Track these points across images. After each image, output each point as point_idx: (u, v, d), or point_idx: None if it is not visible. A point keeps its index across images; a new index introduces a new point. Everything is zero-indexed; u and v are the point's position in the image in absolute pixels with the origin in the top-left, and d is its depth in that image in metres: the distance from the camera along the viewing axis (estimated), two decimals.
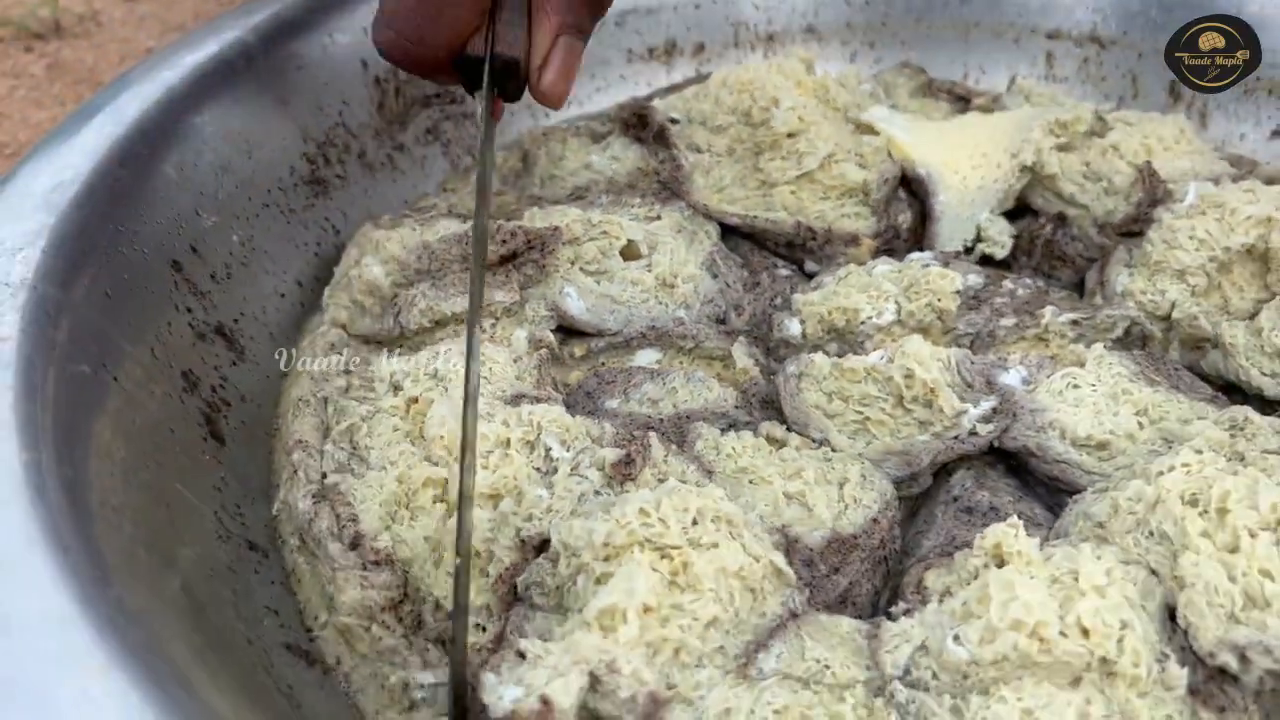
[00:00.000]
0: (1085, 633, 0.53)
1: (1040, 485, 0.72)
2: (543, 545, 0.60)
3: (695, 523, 0.58)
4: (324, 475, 0.65)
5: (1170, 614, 0.56)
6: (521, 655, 0.54)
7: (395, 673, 0.57)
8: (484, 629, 0.60)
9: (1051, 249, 0.86)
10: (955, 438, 0.70)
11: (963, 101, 1.00)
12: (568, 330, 0.81)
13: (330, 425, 0.68)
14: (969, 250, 0.87)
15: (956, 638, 0.54)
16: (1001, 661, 0.53)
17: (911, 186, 0.90)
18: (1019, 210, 0.90)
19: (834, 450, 0.71)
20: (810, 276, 0.87)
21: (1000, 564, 0.58)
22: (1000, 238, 0.85)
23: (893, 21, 1.08)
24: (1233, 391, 0.76)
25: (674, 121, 0.91)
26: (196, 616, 0.52)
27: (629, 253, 0.83)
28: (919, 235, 0.89)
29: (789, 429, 0.73)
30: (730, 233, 0.88)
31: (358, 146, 0.88)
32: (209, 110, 0.76)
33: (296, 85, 0.83)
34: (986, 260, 0.86)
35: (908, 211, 0.89)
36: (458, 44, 0.66)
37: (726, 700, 0.53)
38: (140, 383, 0.60)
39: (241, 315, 0.74)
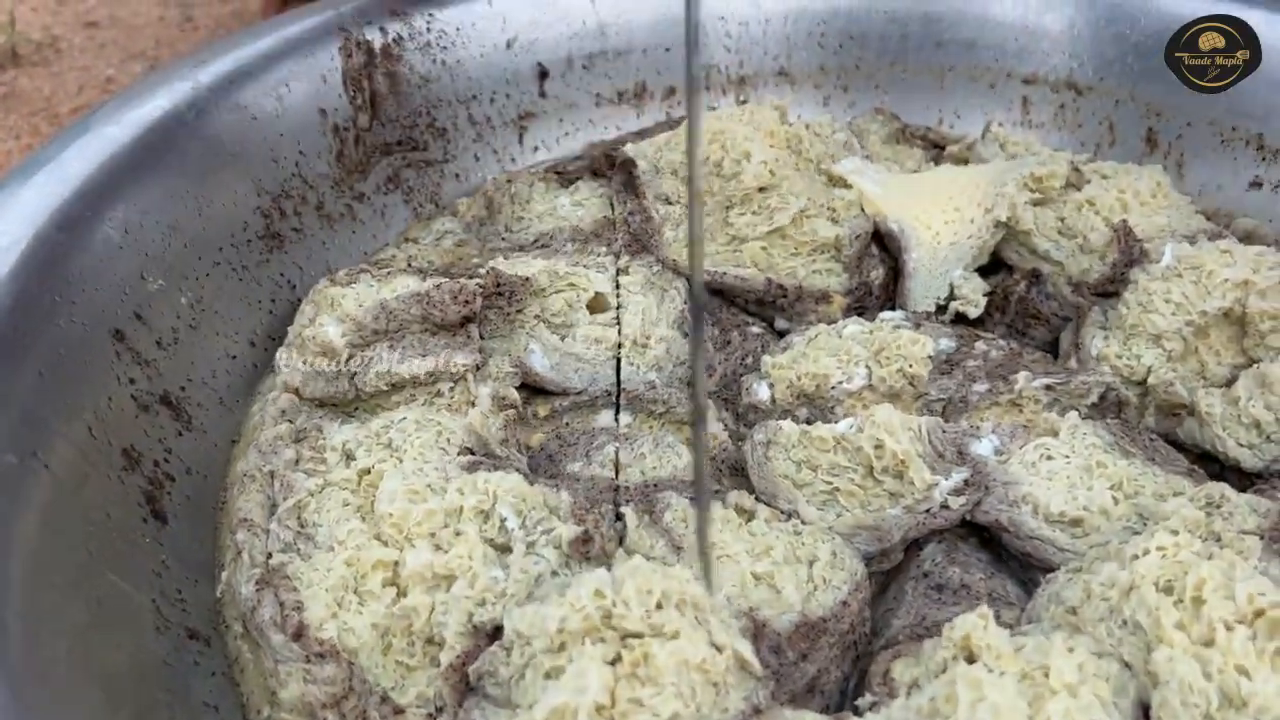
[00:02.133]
0: None
1: (1014, 560, 0.70)
2: (496, 632, 0.58)
3: (660, 606, 0.56)
4: (269, 556, 0.62)
5: (1145, 711, 0.54)
6: None
7: None
8: None
9: (1025, 306, 0.84)
10: (927, 511, 0.68)
11: (937, 148, 0.99)
12: (532, 388, 0.78)
13: (277, 501, 0.65)
14: (943, 309, 0.85)
15: None
16: None
17: (884, 242, 0.88)
18: (993, 265, 0.88)
19: (803, 523, 0.68)
20: (781, 334, 0.85)
21: (969, 657, 0.56)
22: (974, 296, 0.83)
23: (866, 65, 1.06)
24: (1209, 460, 0.75)
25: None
26: None
27: (596, 305, 0.81)
28: (891, 291, 0.87)
29: (758, 499, 0.71)
30: None
31: (315, 198, 0.86)
32: (156, 167, 0.73)
33: (250, 137, 0.81)
34: (960, 318, 0.84)
35: (880, 268, 0.87)
36: None
37: None
38: (74, 466, 0.57)
39: (189, 381, 0.71)
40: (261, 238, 0.81)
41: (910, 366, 0.74)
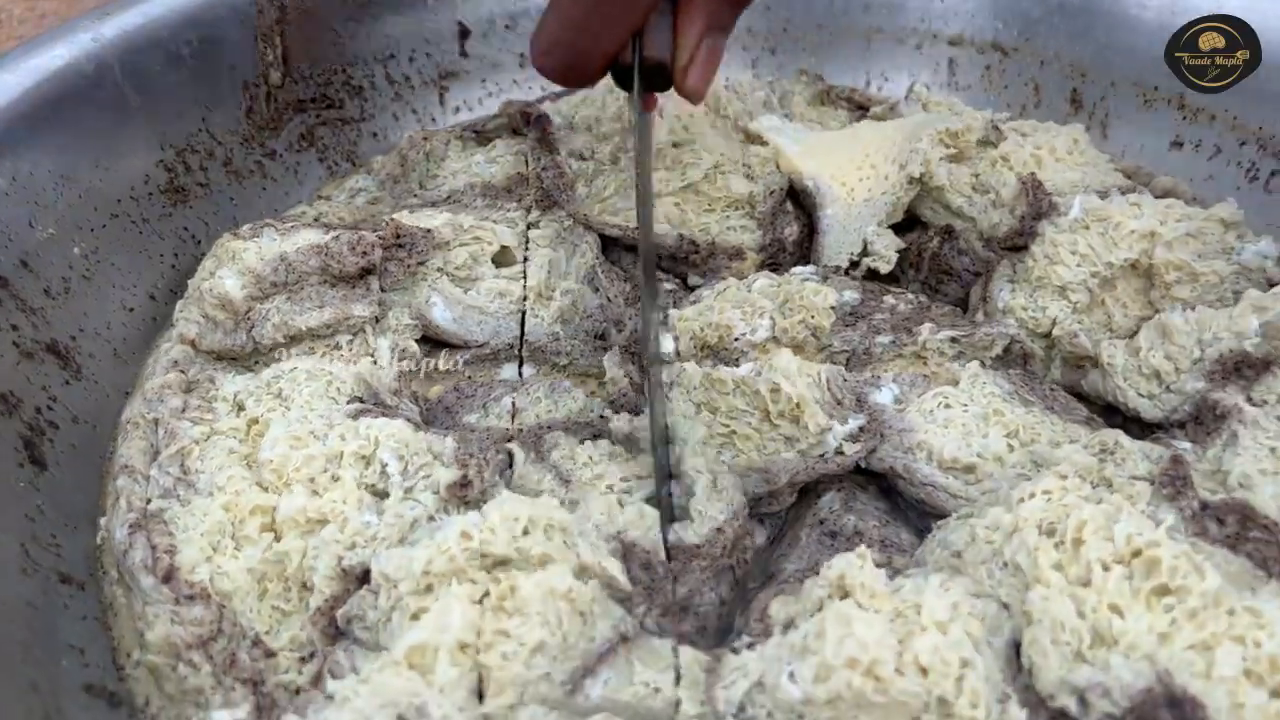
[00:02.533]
0: (923, 671, 0.51)
1: (911, 509, 0.70)
2: (366, 576, 0.57)
3: (526, 532, 0.56)
4: (148, 502, 0.61)
5: (1018, 650, 0.54)
6: (328, 697, 0.51)
7: (198, 714, 0.54)
8: (304, 664, 0.57)
9: (938, 262, 0.84)
10: (821, 456, 0.68)
11: (861, 109, 0.98)
12: (434, 341, 0.78)
13: (160, 449, 0.64)
14: (855, 264, 0.84)
15: (791, 675, 0.52)
16: (836, 701, 0.51)
17: (799, 199, 0.87)
18: (909, 222, 0.88)
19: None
20: (693, 290, 0.84)
21: (844, 596, 0.56)
22: (886, 252, 0.83)
23: (794, 28, 1.05)
24: (1114, 413, 0.74)
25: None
26: None
27: (503, 259, 0.80)
28: (805, 249, 0.87)
29: None
30: (612, 244, 0.85)
31: (223, 153, 0.85)
32: (51, 117, 0.72)
33: (152, 90, 0.80)
34: (873, 274, 0.84)
35: (794, 224, 0.86)
36: (612, 60, 0.69)
37: None
38: None
39: (80, 332, 0.70)
40: (164, 192, 0.80)
41: (813, 317, 0.73)
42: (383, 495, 0.62)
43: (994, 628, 0.55)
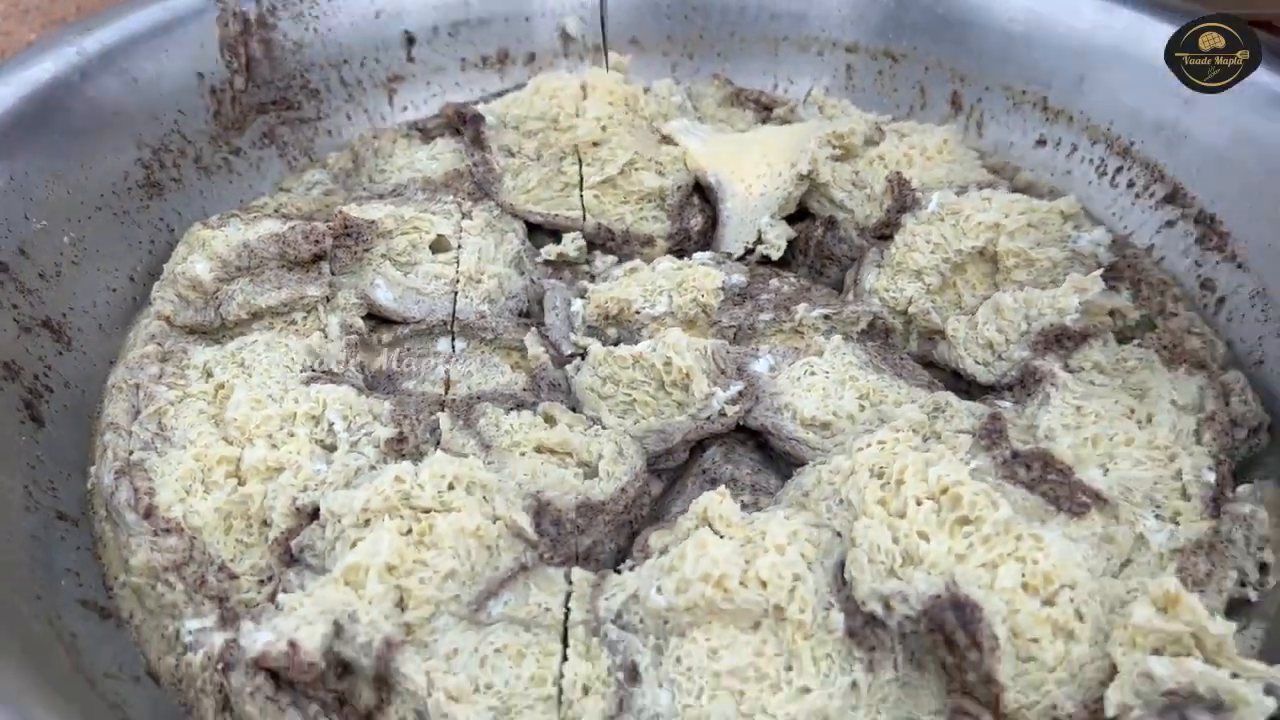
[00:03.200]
0: (763, 584, 0.62)
1: (781, 460, 0.82)
2: (316, 513, 0.69)
3: (451, 487, 0.68)
4: (130, 453, 0.73)
5: (842, 570, 0.66)
6: (279, 607, 0.63)
7: (173, 624, 0.66)
8: (262, 586, 0.69)
9: (822, 249, 0.96)
10: (707, 418, 0.79)
11: (766, 110, 1.10)
12: (378, 318, 0.89)
13: (140, 409, 0.76)
14: (750, 252, 0.96)
15: (659, 589, 0.64)
16: (693, 608, 0.62)
17: (704, 193, 0.99)
18: (800, 214, 1.00)
19: (604, 428, 0.80)
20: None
21: (708, 526, 0.68)
22: (777, 240, 0.95)
23: (709, 35, 1.16)
24: (958, 379, 0.86)
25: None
26: None
27: (439, 246, 0.91)
28: (709, 237, 0.99)
29: (574, 409, 0.82)
30: (537, 231, 0.97)
31: (193, 151, 0.96)
32: (42, 123, 0.83)
33: (131, 98, 0.91)
34: (765, 260, 0.96)
35: (699, 216, 0.98)
36: None
37: (455, 642, 0.63)
38: None
39: (71, 309, 0.82)
40: (142, 186, 0.91)
41: (702, 296, 0.85)
42: (331, 449, 0.73)
43: (827, 551, 0.67)
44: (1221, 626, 0.59)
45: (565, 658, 0.63)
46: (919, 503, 0.66)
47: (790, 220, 0.98)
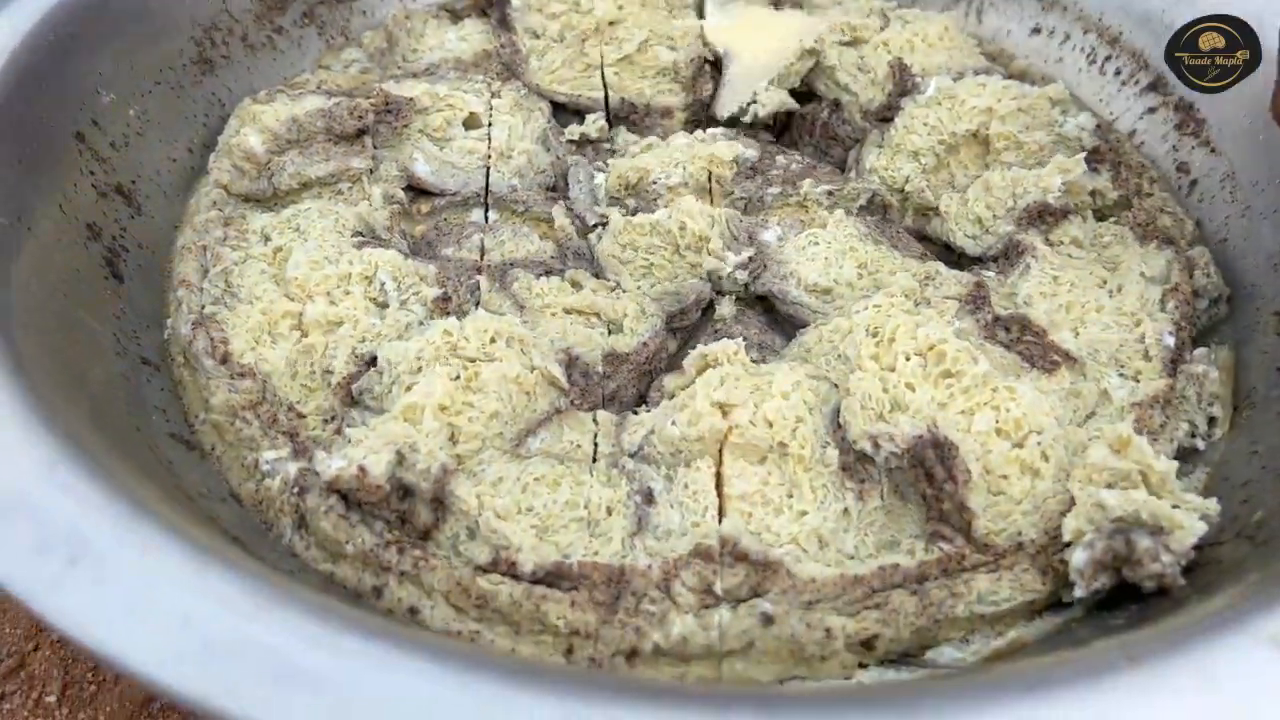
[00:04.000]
0: (769, 424, 0.71)
1: (786, 322, 0.90)
2: (373, 361, 0.78)
3: (493, 340, 0.76)
4: (203, 307, 0.81)
5: (838, 414, 0.75)
6: (347, 439, 0.72)
7: (251, 454, 0.75)
8: (327, 425, 0.78)
9: (827, 130, 1.03)
10: (719, 280, 0.88)
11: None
12: (417, 190, 0.97)
13: (208, 268, 0.84)
14: (743, 112, 1.03)
15: (673, 422, 0.73)
16: (703, 439, 0.71)
17: (717, 65, 1.06)
18: (809, 97, 1.06)
19: (624, 291, 0.88)
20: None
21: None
22: (767, 102, 1.02)
23: None
24: (949, 251, 0.94)
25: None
26: (96, 412, 0.68)
27: (471, 123, 0.98)
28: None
29: (596, 275, 0.90)
30: (561, 111, 1.04)
31: (240, 30, 1.02)
32: (106, 6, 0.90)
33: None
34: (779, 139, 1.03)
35: (711, 86, 1.05)
36: None
37: (500, 471, 0.72)
38: (51, 233, 0.75)
39: (139, 177, 0.89)
40: (195, 63, 0.98)
41: (717, 168, 0.93)
42: (383, 306, 0.82)
43: (825, 399, 0.76)
44: (1165, 464, 0.68)
45: (593, 486, 0.72)
46: (908, 358, 0.74)
47: (800, 101, 1.05)
